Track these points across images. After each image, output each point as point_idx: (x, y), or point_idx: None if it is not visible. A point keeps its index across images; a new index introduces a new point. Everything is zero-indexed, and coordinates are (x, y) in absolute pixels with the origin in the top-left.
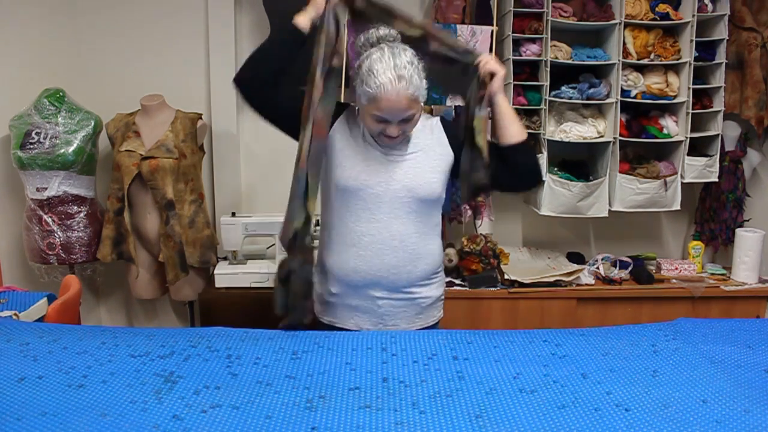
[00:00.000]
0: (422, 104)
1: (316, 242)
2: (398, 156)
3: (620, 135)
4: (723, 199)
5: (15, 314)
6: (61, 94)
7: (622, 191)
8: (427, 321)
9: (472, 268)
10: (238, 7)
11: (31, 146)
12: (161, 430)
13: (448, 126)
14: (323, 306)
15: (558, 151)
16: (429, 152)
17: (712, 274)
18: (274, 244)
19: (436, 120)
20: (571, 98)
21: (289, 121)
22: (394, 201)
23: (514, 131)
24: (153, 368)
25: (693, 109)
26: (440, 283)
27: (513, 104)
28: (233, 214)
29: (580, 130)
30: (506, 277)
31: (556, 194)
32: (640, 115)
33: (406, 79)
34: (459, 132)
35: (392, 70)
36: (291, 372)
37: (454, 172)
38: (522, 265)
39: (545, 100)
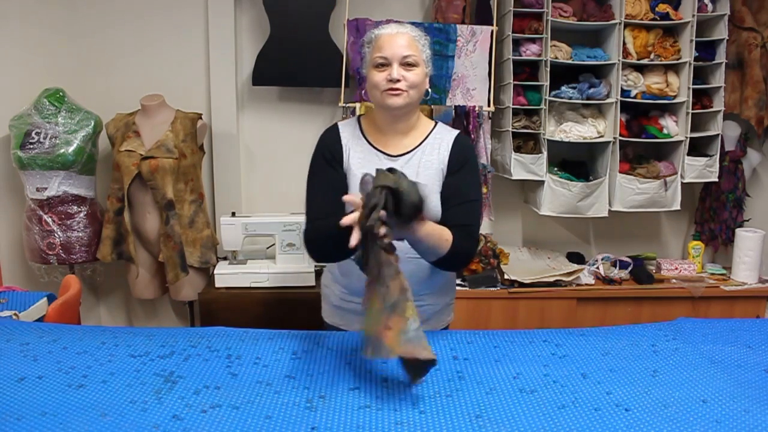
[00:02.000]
0: (426, 71)
1: None
2: (402, 162)
3: (620, 135)
4: (723, 199)
5: (15, 314)
6: (61, 94)
7: (622, 191)
8: (436, 326)
9: (472, 268)
10: (238, 7)
11: (31, 146)
12: (161, 430)
13: (458, 148)
14: (331, 308)
15: (558, 151)
16: (430, 169)
17: (712, 274)
18: (274, 244)
19: (453, 136)
20: (571, 98)
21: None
22: None
23: (441, 249)
24: (153, 368)
25: (693, 109)
26: (450, 289)
27: (513, 104)
28: (233, 214)
29: (580, 130)
30: (506, 277)
31: (556, 194)
32: (640, 115)
33: (407, 27)
34: (462, 157)
35: (395, 22)
36: (291, 372)
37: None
38: (522, 265)
39: (545, 100)
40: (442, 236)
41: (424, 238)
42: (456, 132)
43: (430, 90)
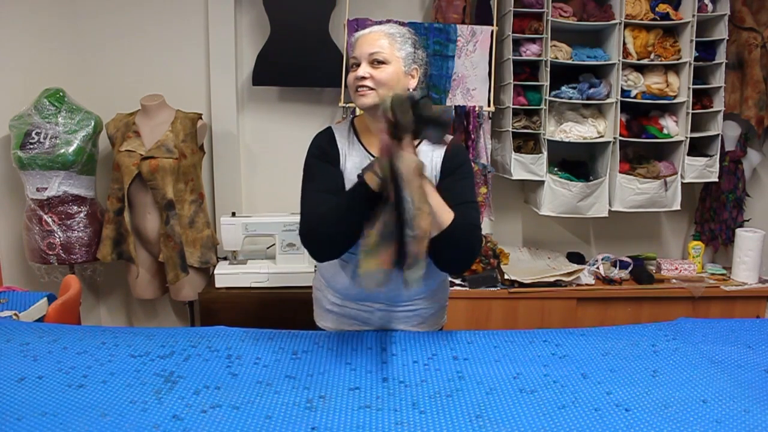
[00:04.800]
0: (403, 69)
1: None
2: None
3: (620, 135)
4: (723, 199)
5: (15, 314)
6: (61, 94)
7: (622, 191)
8: (430, 328)
9: (472, 268)
10: (238, 7)
11: (31, 146)
12: (161, 430)
13: (451, 153)
14: (323, 312)
15: (558, 151)
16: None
17: (712, 274)
18: (274, 244)
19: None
20: (571, 98)
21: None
22: None
23: (443, 218)
24: (153, 368)
25: (693, 109)
26: (444, 292)
27: (513, 104)
28: (233, 214)
29: (580, 130)
30: (506, 277)
31: (556, 194)
32: (640, 115)
33: (386, 26)
34: (456, 161)
35: (379, 23)
36: (291, 372)
37: None
38: (522, 265)
39: (545, 100)
40: (444, 205)
41: (431, 194)
42: (449, 137)
43: (424, 89)
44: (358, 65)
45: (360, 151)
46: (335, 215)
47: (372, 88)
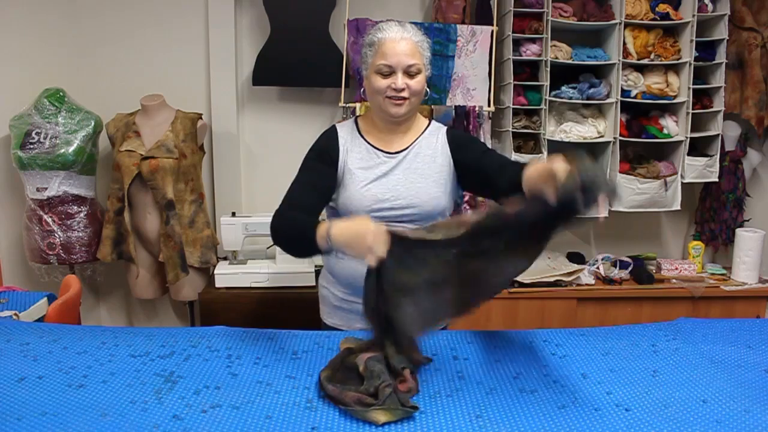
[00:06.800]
0: (426, 74)
1: None
2: (400, 158)
3: (620, 135)
4: (723, 199)
5: (15, 314)
6: (61, 94)
7: (622, 191)
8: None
9: None
10: (238, 7)
11: (32, 146)
12: (161, 430)
13: (454, 134)
14: (329, 309)
15: (558, 151)
16: (430, 163)
17: (712, 274)
18: (273, 244)
19: (444, 130)
20: (571, 98)
21: None
22: (401, 217)
23: None
24: (153, 368)
25: (693, 109)
26: None
27: (513, 104)
28: (233, 214)
29: (580, 130)
30: None
31: None
32: (640, 115)
33: (410, 30)
34: (464, 137)
35: (397, 24)
36: (291, 372)
37: (461, 182)
38: None
39: (545, 100)
40: None
41: None
42: (445, 128)
43: (428, 90)
44: (390, 73)
45: (363, 145)
46: (293, 231)
47: (406, 98)
